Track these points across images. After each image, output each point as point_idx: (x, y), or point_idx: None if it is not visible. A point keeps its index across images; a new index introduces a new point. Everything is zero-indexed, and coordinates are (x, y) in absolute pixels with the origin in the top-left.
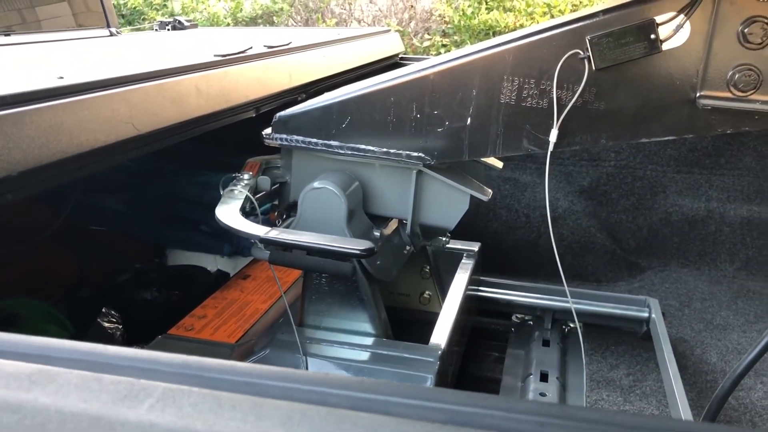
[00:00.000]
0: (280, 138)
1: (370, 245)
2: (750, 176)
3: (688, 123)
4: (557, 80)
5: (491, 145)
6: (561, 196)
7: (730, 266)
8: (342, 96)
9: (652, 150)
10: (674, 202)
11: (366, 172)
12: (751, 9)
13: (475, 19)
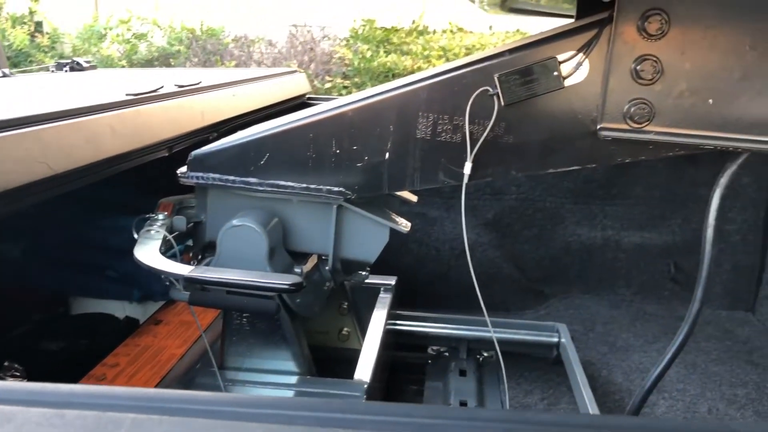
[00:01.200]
0: (196, 176)
1: (299, 279)
2: (640, 205)
3: (591, 153)
4: (469, 116)
5: (409, 178)
6: (468, 229)
7: (627, 290)
8: (260, 133)
9: (550, 182)
10: (573, 231)
11: (285, 209)
12: (642, 48)
13: (374, 62)
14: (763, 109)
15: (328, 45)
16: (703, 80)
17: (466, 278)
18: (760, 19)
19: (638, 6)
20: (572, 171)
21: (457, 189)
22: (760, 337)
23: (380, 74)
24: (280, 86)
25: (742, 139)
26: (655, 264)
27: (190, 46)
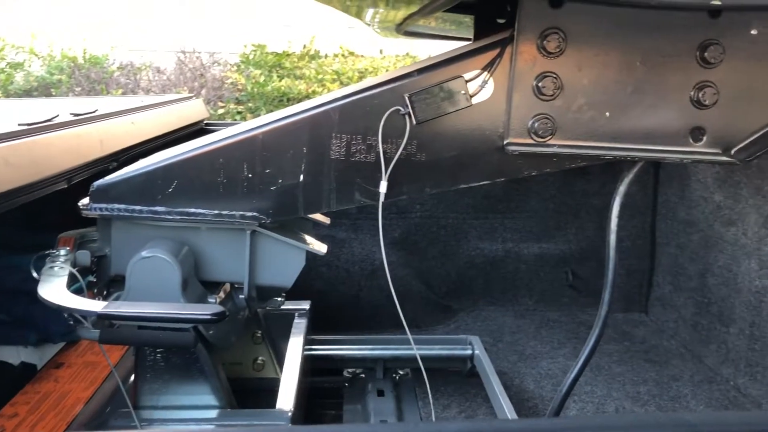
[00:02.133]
0: (99, 208)
1: (221, 309)
2: (536, 217)
3: (500, 168)
4: (382, 135)
5: (325, 199)
6: (376, 249)
7: (529, 300)
8: (167, 160)
9: (451, 199)
10: (476, 245)
11: (196, 237)
12: (542, 65)
13: (268, 87)
14: (655, 121)
15: (218, 71)
16: (599, 94)
17: (378, 299)
18: (648, 36)
19: (537, 25)
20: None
21: (363, 210)
22: (654, 336)
23: (274, 99)
24: (178, 112)
25: (637, 149)
26: (554, 273)
27: (72, 75)
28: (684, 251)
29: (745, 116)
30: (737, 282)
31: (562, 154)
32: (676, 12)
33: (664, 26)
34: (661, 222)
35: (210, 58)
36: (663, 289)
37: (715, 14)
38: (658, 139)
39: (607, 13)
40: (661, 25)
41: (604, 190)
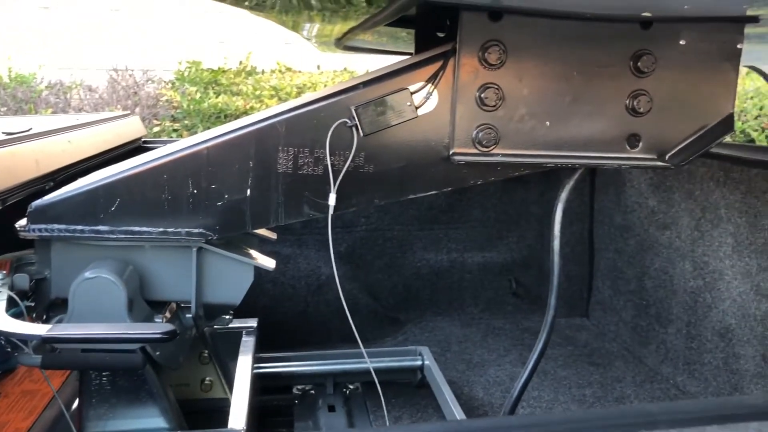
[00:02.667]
0: (38, 229)
1: (171, 327)
2: (479, 227)
3: (446, 178)
4: (329, 148)
5: (273, 213)
6: (322, 263)
7: (475, 309)
8: (109, 178)
9: (396, 212)
10: (421, 257)
11: (140, 256)
12: (484, 77)
13: (204, 104)
14: (593, 128)
15: (152, 88)
16: (539, 104)
17: (325, 314)
18: (584, 46)
19: (478, 38)
20: (416, 198)
21: (307, 225)
22: (596, 339)
23: (211, 116)
24: (115, 130)
25: (576, 156)
26: (498, 281)
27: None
28: (622, 256)
29: (677, 122)
30: (673, 283)
31: (505, 162)
32: (609, 23)
33: (598, 37)
34: (599, 228)
35: (143, 75)
36: (603, 294)
37: (647, 25)
38: (597, 146)
39: (544, 25)
40: (595, 37)
41: (543, 199)
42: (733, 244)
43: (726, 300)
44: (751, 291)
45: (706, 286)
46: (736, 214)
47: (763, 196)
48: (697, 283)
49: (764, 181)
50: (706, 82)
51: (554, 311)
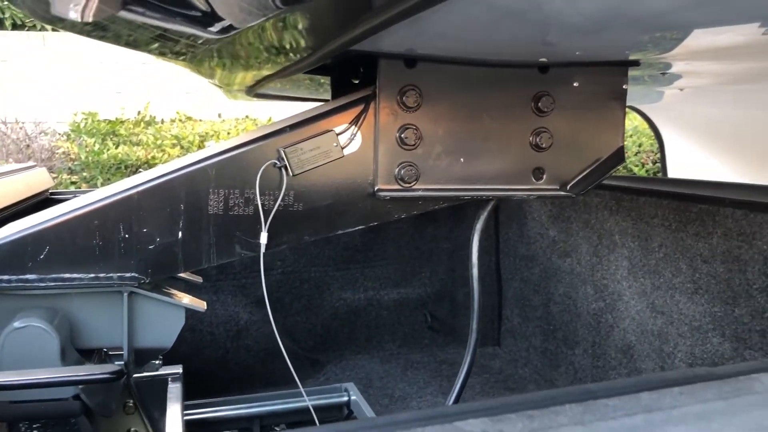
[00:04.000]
0: None
1: (118, 367)
2: (394, 264)
3: (372, 213)
4: (259, 188)
5: (206, 255)
6: (239, 309)
7: (393, 344)
8: (37, 226)
9: (312, 253)
10: (339, 296)
11: (68, 304)
12: (403, 119)
13: (103, 155)
14: (503, 163)
15: (46, 141)
16: (454, 143)
17: (245, 359)
18: (490, 89)
19: (395, 84)
20: (332, 239)
21: (222, 271)
22: (509, 366)
23: (111, 167)
24: (22, 182)
25: (489, 189)
26: (414, 316)
27: None
28: (528, 284)
29: (575, 156)
30: (577, 307)
31: (426, 197)
32: (512, 69)
33: (502, 81)
34: (505, 260)
35: (36, 127)
36: (512, 322)
37: (544, 70)
38: (506, 179)
39: (455, 71)
40: (500, 80)
41: (453, 235)
42: (629, 267)
43: (626, 319)
44: (647, 309)
45: (607, 307)
46: (629, 239)
47: (651, 221)
48: (598, 305)
49: (652, 207)
50: (598, 119)
51: (476, 334)
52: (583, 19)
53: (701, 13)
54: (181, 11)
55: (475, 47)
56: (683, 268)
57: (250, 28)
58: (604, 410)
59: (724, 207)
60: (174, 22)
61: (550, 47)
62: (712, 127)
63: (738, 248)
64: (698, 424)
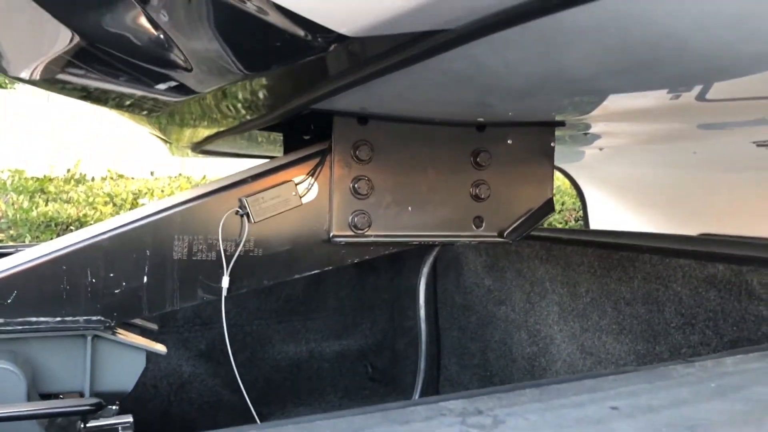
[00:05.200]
0: None
1: (98, 399)
2: (335, 316)
3: (328, 257)
4: (222, 234)
5: (169, 299)
6: (183, 362)
7: (334, 396)
8: (5, 271)
9: (254, 306)
10: (281, 349)
11: (29, 349)
12: (357, 170)
13: (33, 212)
14: (446, 212)
15: None
16: (402, 193)
17: (189, 412)
18: (433, 145)
19: (349, 139)
20: (273, 291)
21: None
22: None
23: (41, 224)
24: None
25: (434, 235)
26: (355, 367)
27: None
28: (465, 333)
29: (511, 206)
30: (512, 352)
31: (377, 242)
32: (453, 127)
33: (444, 138)
34: (443, 309)
35: None
36: (450, 370)
37: (481, 128)
38: (449, 227)
39: (402, 128)
40: (443, 137)
41: (393, 285)
42: (559, 312)
43: (558, 361)
44: (577, 350)
45: (540, 351)
46: (558, 285)
47: (578, 268)
48: (532, 350)
49: (578, 256)
50: (530, 173)
51: (424, 373)
52: (516, 84)
53: (616, 80)
54: (136, 76)
55: (421, 107)
56: (609, 310)
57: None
58: (557, 392)
59: (642, 254)
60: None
61: (487, 108)
62: (628, 183)
63: (656, 290)
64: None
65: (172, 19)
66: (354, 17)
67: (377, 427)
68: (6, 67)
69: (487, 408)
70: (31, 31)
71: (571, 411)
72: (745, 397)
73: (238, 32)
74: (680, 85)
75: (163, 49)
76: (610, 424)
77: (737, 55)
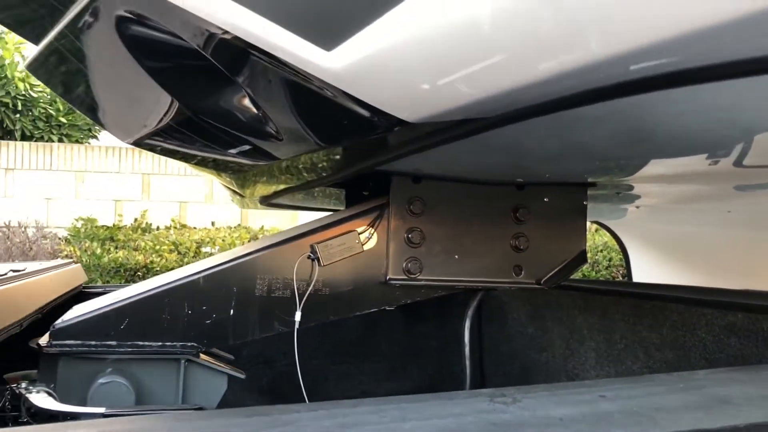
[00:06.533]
0: (59, 345)
1: (200, 405)
2: (385, 360)
3: (384, 298)
4: (296, 275)
5: (250, 329)
6: (246, 395)
7: None
8: (118, 303)
9: (311, 347)
10: (335, 389)
11: (136, 368)
12: (411, 222)
13: (104, 258)
14: (489, 261)
15: (48, 244)
16: (450, 243)
17: None
18: (479, 201)
19: (405, 195)
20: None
21: None
22: None
23: (111, 270)
24: (64, 278)
25: (478, 281)
26: None
27: None
28: (509, 379)
29: (547, 256)
30: None
31: (427, 285)
32: (496, 186)
33: (489, 195)
34: (488, 356)
35: (37, 231)
36: None
37: (521, 187)
38: (492, 274)
39: (451, 186)
40: (487, 194)
41: (439, 332)
42: (596, 357)
43: None
44: None
45: None
46: (595, 332)
47: (613, 316)
48: None
49: (613, 305)
50: (565, 227)
51: None
52: (547, 154)
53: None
54: (233, 144)
55: (467, 170)
56: (640, 355)
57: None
58: (563, 386)
59: (670, 303)
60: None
61: (525, 171)
62: (667, 238)
63: (683, 337)
64: (615, 391)
65: (268, 100)
66: (417, 109)
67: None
68: (114, 131)
69: (509, 393)
70: (144, 102)
71: (570, 396)
72: (705, 394)
73: (322, 114)
74: (718, 150)
75: (260, 123)
76: (598, 404)
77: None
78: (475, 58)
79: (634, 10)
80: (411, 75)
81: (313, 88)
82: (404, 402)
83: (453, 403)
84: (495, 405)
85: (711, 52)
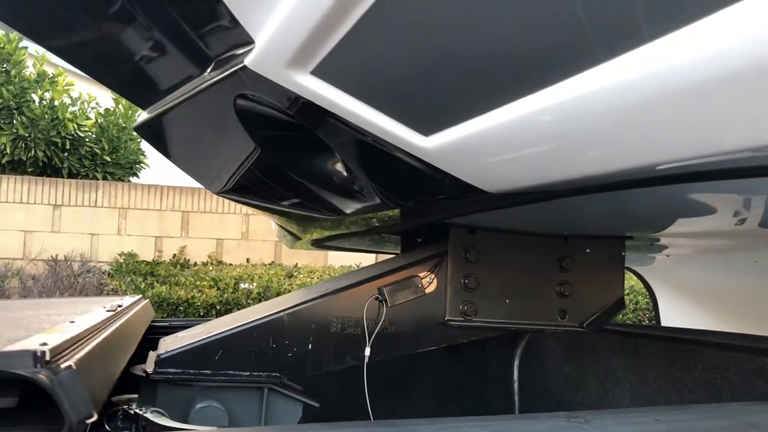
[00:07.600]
0: (163, 372)
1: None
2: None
3: (443, 337)
4: (366, 315)
5: (325, 362)
6: None
7: None
8: (215, 335)
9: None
10: None
11: (225, 395)
12: (467, 269)
13: (148, 292)
14: (536, 306)
15: (94, 278)
16: (502, 288)
17: None
18: (528, 251)
19: (462, 244)
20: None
21: None
22: None
23: (154, 304)
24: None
25: (525, 323)
26: None
27: None
28: None
29: (590, 302)
30: None
31: (482, 326)
32: (544, 237)
33: (537, 245)
34: (525, 393)
35: (82, 266)
36: None
37: (566, 239)
38: (539, 317)
39: (503, 237)
40: (535, 245)
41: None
42: (630, 397)
43: None
44: None
45: None
46: (629, 374)
47: (647, 359)
48: None
49: (647, 348)
50: (605, 276)
51: None
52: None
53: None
54: (312, 204)
55: (518, 224)
56: (673, 396)
57: None
58: None
59: (702, 347)
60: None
61: (569, 226)
62: (695, 284)
63: (713, 379)
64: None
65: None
66: (496, 183)
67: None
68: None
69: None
70: (245, 163)
71: (630, 418)
72: (738, 421)
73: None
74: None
75: (350, 184)
76: (653, 425)
77: None
78: (557, 154)
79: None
80: (496, 158)
81: (408, 160)
82: (502, 420)
83: (537, 421)
84: (572, 423)
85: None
